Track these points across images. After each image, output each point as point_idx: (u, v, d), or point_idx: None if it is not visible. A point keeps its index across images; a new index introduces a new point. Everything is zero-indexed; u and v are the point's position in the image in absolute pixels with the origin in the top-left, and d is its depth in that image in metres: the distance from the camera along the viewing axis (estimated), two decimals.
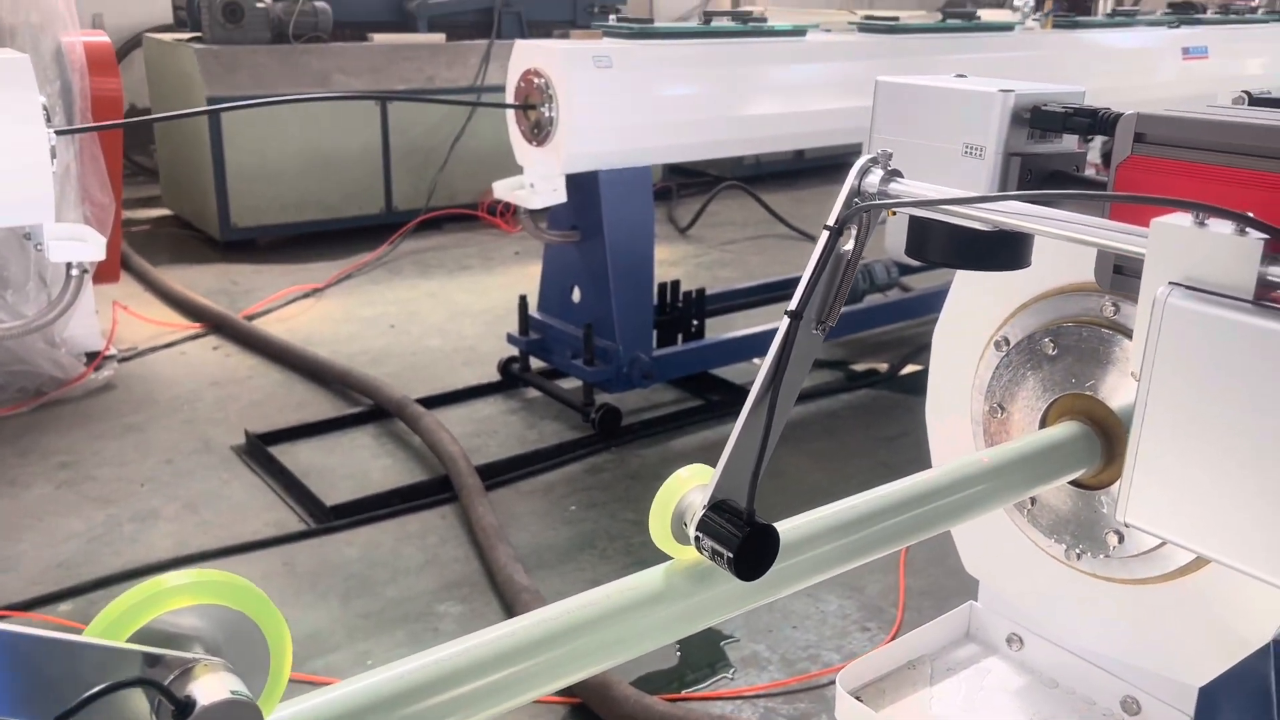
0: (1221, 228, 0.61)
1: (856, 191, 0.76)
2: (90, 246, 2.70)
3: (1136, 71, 5.04)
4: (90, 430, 3.65)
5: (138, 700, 0.59)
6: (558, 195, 3.45)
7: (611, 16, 3.81)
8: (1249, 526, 0.61)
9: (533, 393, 4.00)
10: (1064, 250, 0.99)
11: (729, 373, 4.04)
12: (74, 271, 2.72)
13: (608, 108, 3.42)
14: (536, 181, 3.49)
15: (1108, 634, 1.11)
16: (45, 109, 2.50)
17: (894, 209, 0.76)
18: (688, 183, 7.42)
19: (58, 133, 2.61)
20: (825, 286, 0.75)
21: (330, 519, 3.06)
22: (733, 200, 7.02)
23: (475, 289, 5.32)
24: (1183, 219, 0.63)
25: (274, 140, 5.82)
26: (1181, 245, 0.62)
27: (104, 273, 4.13)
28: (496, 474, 3.34)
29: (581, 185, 3.51)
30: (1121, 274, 0.70)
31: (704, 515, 0.77)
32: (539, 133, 3.43)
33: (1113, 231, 0.70)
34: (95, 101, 3.95)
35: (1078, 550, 1.10)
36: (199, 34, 6.00)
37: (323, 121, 5.93)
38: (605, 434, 3.60)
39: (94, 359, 4.08)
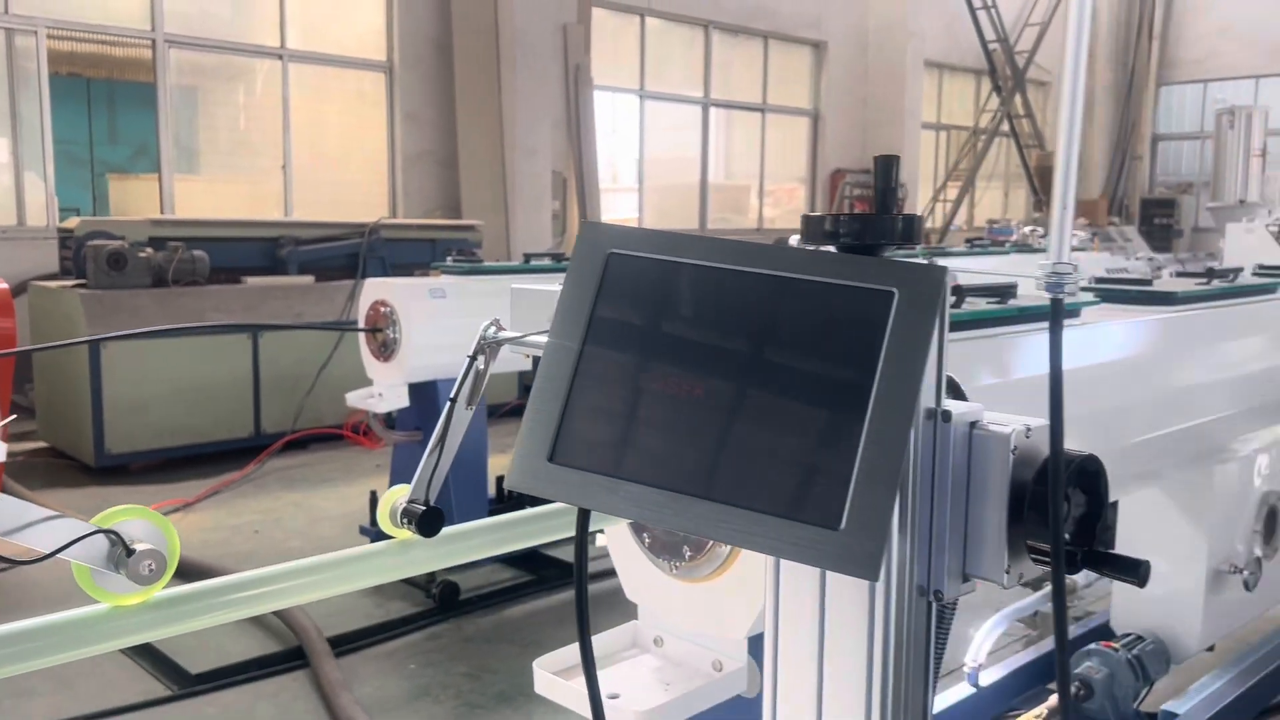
0: None
1: (484, 336, 1.47)
2: None
3: None
4: None
5: (110, 544, 1.21)
6: (401, 401, 4.13)
7: (449, 257, 4.64)
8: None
9: None
10: None
11: (559, 551, 4.64)
12: None
13: (441, 329, 4.17)
14: (384, 391, 4.18)
15: (699, 619, 1.75)
16: None
17: (495, 343, 1.47)
18: None
19: None
20: (470, 385, 1.44)
21: (193, 685, 3.47)
22: None
23: (336, 498, 5.84)
24: None
25: (150, 373, 6.38)
26: None
27: None
28: (346, 643, 3.81)
29: (422, 393, 4.20)
30: None
31: (405, 506, 1.43)
32: (385, 351, 4.15)
33: None
34: None
35: (674, 565, 1.75)
36: (84, 280, 6.62)
37: (197, 354, 6.53)
38: (445, 607, 4.12)
39: None
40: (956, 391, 1.05)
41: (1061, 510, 0.87)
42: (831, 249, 0.91)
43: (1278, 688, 3.15)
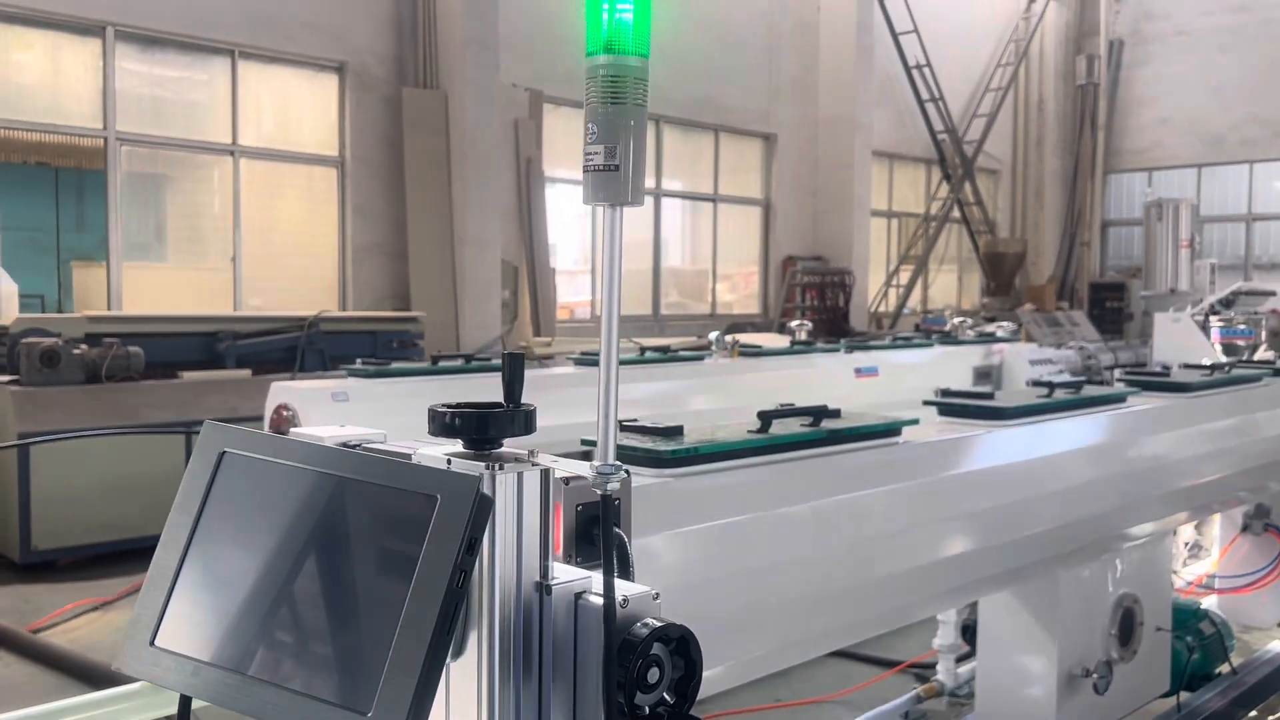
0: None
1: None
2: None
3: (812, 389, 6.26)
4: None
5: None
6: None
7: (358, 360, 4.75)
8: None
9: None
10: None
11: None
12: None
13: None
14: None
15: None
16: None
17: None
18: None
19: None
20: None
21: None
22: None
23: None
24: None
25: (80, 468, 6.40)
26: None
27: None
28: None
29: None
30: None
31: None
32: None
33: None
34: None
35: None
36: (16, 377, 6.68)
37: (128, 449, 6.56)
38: None
39: None
40: (624, 557, 1.14)
41: (612, 673, 0.97)
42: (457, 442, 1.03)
43: None
